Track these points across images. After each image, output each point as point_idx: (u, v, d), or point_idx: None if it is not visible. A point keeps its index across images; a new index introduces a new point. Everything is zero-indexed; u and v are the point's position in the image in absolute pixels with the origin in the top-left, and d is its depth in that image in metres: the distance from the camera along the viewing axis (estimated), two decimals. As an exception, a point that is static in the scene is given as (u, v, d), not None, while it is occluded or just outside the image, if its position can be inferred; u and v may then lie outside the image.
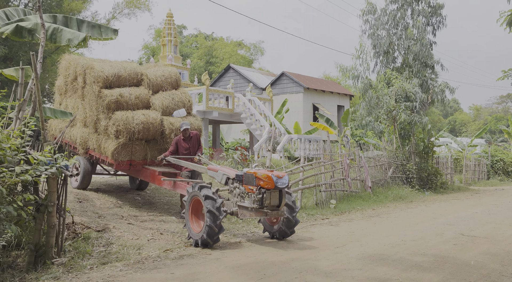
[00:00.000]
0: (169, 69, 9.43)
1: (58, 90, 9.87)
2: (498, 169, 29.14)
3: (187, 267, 5.33)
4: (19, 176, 4.96)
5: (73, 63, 9.18)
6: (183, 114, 8.79)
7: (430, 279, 4.95)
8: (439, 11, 19.44)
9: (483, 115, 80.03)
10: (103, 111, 8.30)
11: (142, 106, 8.67)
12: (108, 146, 8.25)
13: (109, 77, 8.47)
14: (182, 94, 9.18)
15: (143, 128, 8.24)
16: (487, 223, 9.15)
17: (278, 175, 6.38)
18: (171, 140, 8.54)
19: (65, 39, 6.62)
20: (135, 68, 9.03)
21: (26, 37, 6.55)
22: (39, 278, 4.79)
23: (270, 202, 6.38)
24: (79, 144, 8.99)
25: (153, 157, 8.69)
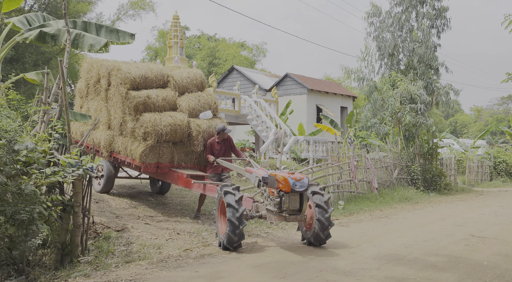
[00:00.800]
0: (194, 71, 9.38)
1: (79, 93, 9.84)
2: (500, 170, 29.32)
3: (210, 266, 5.49)
4: (49, 177, 5.13)
5: (95, 66, 9.12)
6: (209, 116, 8.76)
7: (447, 278, 5.11)
8: (444, 13, 19.60)
9: (484, 116, 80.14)
10: (130, 113, 8.22)
11: (169, 108, 8.62)
12: (135, 148, 8.17)
13: (136, 79, 8.41)
14: (208, 96, 9.14)
15: (170, 130, 8.15)
16: (495, 224, 9.31)
17: (296, 177, 6.16)
18: (198, 142, 8.52)
19: (87, 44, 6.79)
20: (161, 69, 8.98)
21: (49, 42, 6.72)
22: (70, 276, 4.95)
23: (289, 205, 6.15)
24: (103, 146, 8.91)
25: (180, 159, 8.61)
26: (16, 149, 4.50)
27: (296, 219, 6.23)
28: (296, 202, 6.21)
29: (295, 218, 6.22)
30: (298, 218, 6.25)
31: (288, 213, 6.19)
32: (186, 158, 8.66)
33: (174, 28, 20.75)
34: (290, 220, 6.20)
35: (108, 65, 8.72)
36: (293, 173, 6.29)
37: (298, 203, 6.23)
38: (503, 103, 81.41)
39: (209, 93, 9.29)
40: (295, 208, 6.20)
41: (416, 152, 18.01)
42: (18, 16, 7.60)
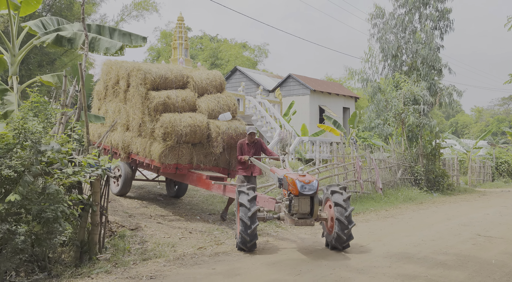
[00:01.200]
0: (213, 72, 9.34)
1: (97, 95, 9.84)
2: (502, 170, 29.46)
3: (225, 263, 5.64)
4: (70, 177, 5.27)
5: (115, 68, 9.07)
6: (228, 117, 8.72)
7: (457, 276, 5.25)
8: (447, 15, 19.75)
9: (485, 117, 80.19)
10: (150, 113, 8.16)
11: (188, 109, 8.56)
12: (154, 148, 8.10)
13: (156, 79, 8.36)
14: (227, 98, 9.08)
15: (190, 131, 8.09)
16: (501, 224, 9.45)
17: (304, 180, 6.02)
18: (218, 144, 8.45)
19: (103, 48, 6.94)
20: (181, 70, 8.94)
21: (66, 45, 6.87)
22: (91, 272, 5.10)
23: (299, 209, 6.04)
24: (121, 148, 8.87)
25: (199, 160, 8.54)
26: (43, 149, 4.65)
27: (305, 223, 6.05)
28: (306, 205, 6.07)
29: (304, 222, 6.04)
30: (307, 222, 6.06)
31: (298, 216, 6.07)
32: (205, 159, 8.60)
33: (178, 29, 20.90)
34: (299, 224, 6.04)
35: (127, 66, 8.71)
36: (304, 175, 6.16)
37: (308, 206, 6.08)
38: (504, 104, 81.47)
39: (228, 95, 9.27)
40: (305, 211, 6.06)
41: (419, 152, 18.16)
42: (34, 20, 7.76)
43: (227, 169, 8.94)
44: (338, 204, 6.17)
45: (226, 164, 8.91)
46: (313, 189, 6.01)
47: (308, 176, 6.14)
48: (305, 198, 6.06)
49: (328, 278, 4.99)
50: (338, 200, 6.19)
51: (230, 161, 8.92)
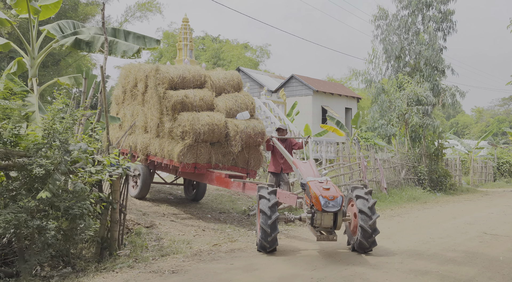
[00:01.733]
0: (231, 72, 9.35)
1: (115, 99, 9.89)
2: (504, 171, 29.67)
3: (242, 259, 5.82)
4: (93, 176, 5.46)
5: (133, 71, 9.15)
6: (246, 117, 8.67)
7: (467, 272, 5.43)
8: (450, 17, 19.97)
9: (485, 117, 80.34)
10: (168, 113, 8.17)
11: (206, 108, 8.54)
12: (173, 148, 8.12)
13: (174, 79, 8.37)
14: (245, 97, 9.05)
15: (208, 130, 8.06)
16: (505, 223, 9.64)
17: (328, 196, 5.70)
18: (236, 142, 8.43)
19: (121, 51, 7.12)
20: (199, 70, 8.95)
21: (84, 48, 7.06)
22: (115, 267, 5.28)
23: (321, 223, 5.83)
24: (140, 149, 8.87)
25: (217, 160, 8.49)
26: (71, 149, 4.83)
27: (328, 239, 5.85)
28: (329, 220, 5.83)
29: (327, 237, 5.86)
30: (330, 238, 5.87)
31: (321, 230, 5.93)
32: (223, 158, 8.58)
33: (183, 31, 21.09)
34: (321, 239, 5.85)
35: (146, 69, 8.76)
36: (328, 188, 5.83)
37: (332, 220, 5.84)
38: (504, 104, 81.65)
39: (245, 94, 9.22)
40: (328, 226, 5.84)
41: (422, 152, 18.35)
42: (51, 24, 7.95)
43: (246, 169, 8.92)
44: (363, 212, 5.94)
45: (245, 164, 8.87)
46: (337, 205, 5.71)
47: (332, 190, 5.83)
48: (328, 213, 5.79)
49: (344, 273, 5.18)
50: (363, 207, 5.96)
51: (249, 160, 8.89)
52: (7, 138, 4.71)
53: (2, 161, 4.62)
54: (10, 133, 4.72)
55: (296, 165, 6.70)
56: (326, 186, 5.87)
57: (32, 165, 4.60)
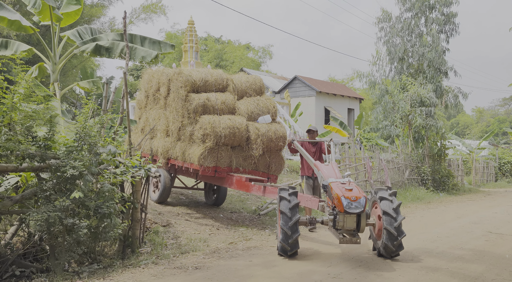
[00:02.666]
0: (253, 76, 9.37)
1: (138, 104, 9.96)
2: (505, 171, 29.93)
3: (260, 256, 6.08)
4: (118, 177, 5.72)
5: (156, 76, 9.21)
6: (268, 120, 8.63)
7: (475, 268, 5.69)
8: (452, 19, 20.22)
9: (485, 117, 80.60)
10: (189, 116, 8.19)
11: (228, 112, 8.51)
12: (193, 151, 8.13)
13: (197, 82, 8.40)
14: (267, 100, 9.01)
15: (229, 133, 8.01)
16: (509, 222, 9.89)
17: (350, 196, 5.49)
18: (257, 146, 8.38)
19: (139, 56, 7.39)
20: (221, 74, 8.96)
21: (104, 54, 7.34)
22: (140, 263, 5.53)
23: (344, 225, 5.61)
24: (161, 153, 8.89)
25: (238, 164, 8.44)
26: (101, 152, 5.09)
27: (351, 242, 5.61)
28: (352, 222, 5.60)
29: (350, 240, 5.61)
30: (353, 240, 5.62)
31: (343, 232, 5.73)
32: (244, 162, 8.52)
33: (189, 33, 21.35)
34: (344, 242, 5.61)
35: (168, 73, 8.82)
36: (350, 189, 5.63)
37: (355, 222, 5.61)
38: (505, 105, 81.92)
39: (267, 98, 9.18)
40: (351, 228, 5.62)
41: (425, 153, 18.61)
42: (71, 30, 8.23)
43: (267, 173, 8.82)
44: (387, 213, 5.71)
45: (266, 168, 8.80)
46: (361, 207, 5.48)
47: (355, 191, 5.62)
48: (351, 215, 5.57)
49: (359, 269, 5.44)
50: (387, 209, 5.72)
51: (270, 164, 8.82)
52: (42, 141, 4.96)
53: (38, 163, 4.88)
54: (45, 137, 4.98)
55: (318, 167, 6.54)
56: (348, 187, 5.67)
57: (66, 166, 4.86)
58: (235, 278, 4.96)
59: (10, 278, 5.06)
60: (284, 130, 8.81)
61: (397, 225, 5.66)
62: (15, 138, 4.73)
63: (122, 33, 8.27)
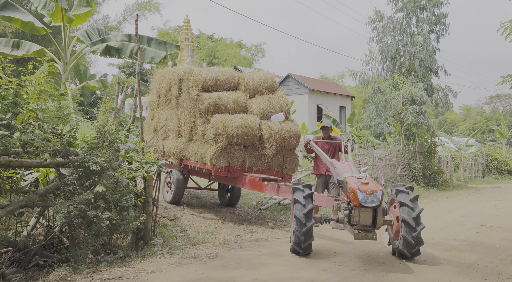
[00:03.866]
0: (265, 73, 9.22)
1: (150, 105, 9.88)
2: (492, 167, 30.68)
3: (267, 247, 6.43)
4: (133, 172, 6.02)
5: (167, 76, 9.11)
6: (281, 118, 8.45)
7: (469, 257, 6.12)
8: (443, 19, 20.71)
9: (472, 115, 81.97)
10: (201, 115, 8.11)
11: (240, 111, 8.39)
12: (206, 151, 8.02)
13: (208, 81, 8.29)
14: (279, 98, 8.83)
15: (241, 132, 7.90)
16: (498, 216, 10.39)
17: (366, 190, 5.23)
18: (270, 145, 8.24)
19: (149, 57, 7.65)
20: (232, 72, 8.84)
21: (114, 55, 7.58)
22: (155, 254, 5.84)
23: (359, 220, 5.37)
24: (173, 154, 8.82)
25: (251, 163, 8.30)
26: (121, 148, 5.39)
27: (366, 237, 5.37)
28: (368, 217, 5.37)
29: (366, 235, 5.37)
30: (369, 236, 5.37)
31: (359, 228, 5.44)
32: (257, 162, 8.37)
33: (185, 31, 21.56)
34: (359, 238, 5.37)
35: (179, 72, 8.73)
36: (367, 183, 5.39)
37: (371, 217, 5.37)
38: (491, 103, 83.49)
39: (280, 96, 8.98)
40: (367, 223, 5.39)
41: (416, 150, 19.12)
42: (80, 31, 8.46)
43: (281, 172, 8.67)
44: (404, 204, 5.45)
45: (280, 167, 8.64)
46: (377, 201, 5.24)
47: (371, 184, 5.38)
48: (367, 210, 5.36)
49: (362, 258, 5.82)
50: (404, 200, 5.48)
51: (284, 163, 8.65)
52: (66, 139, 5.24)
53: (62, 159, 5.16)
54: (68, 135, 5.26)
55: (333, 165, 6.31)
56: (364, 180, 5.46)
57: (89, 162, 5.15)
58: (249, 266, 5.30)
59: (34, 267, 5.35)
60: (298, 129, 8.68)
61: (416, 235, 5.37)
62: (42, 136, 4.99)
63: (128, 34, 8.54)
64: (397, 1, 20.94)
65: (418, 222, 5.40)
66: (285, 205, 10.38)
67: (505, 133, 42.13)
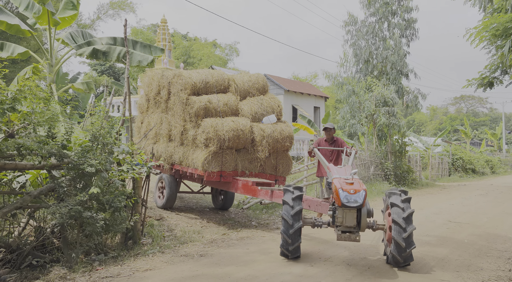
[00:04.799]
0: (255, 74, 9.05)
1: (140, 108, 9.68)
2: (458, 166, 32.05)
3: (254, 245, 6.72)
4: (124, 174, 6.18)
5: (156, 78, 8.96)
6: (273, 120, 8.34)
7: (441, 251, 6.60)
8: (413, 25, 21.58)
9: (438, 115, 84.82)
10: (191, 119, 7.96)
11: (231, 113, 8.24)
12: (197, 156, 7.84)
13: (197, 84, 8.14)
14: (271, 100, 8.65)
15: (233, 136, 7.74)
16: (465, 213, 11.05)
17: (348, 189, 5.12)
18: (263, 148, 8.11)
19: (136, 60, 7.78)
20: (222, 74, 8.69)
21: (101, 58, 7.68)
22: (147, 252, 6.02)
23: (343, 221, 5.28)
24: (164, 159, 8.63)
25: (244, 167, 8.14)
26: (115, 151, 5.55)
27: (349, 239, 5.28)
28: (352, 218, 5.26)
29: (348, 237, 5.28)
30: (351, 238, 5.27)
31: (342, 229, 5.34)
32: (250, 165, 8.24)
33: (162, 31, 21.55)
34: (341, 239, 5.29)
35: (168, 75, 8.57)
36: (351, 183, 5.27)
37: (355, 219, 5.27)
38: (456, 103, 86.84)
39: (271, 97, 8.82)
40: (351, 224, 5.28)
41: (388, 150, 19.85)
42: (64, 33, 8.49)
43: (274, 175, 8.55)
44: (395, 204, 5.30)
45: (273, 170, 8.51)
46: (359, 201, 5.12)
47: (356, 184, 5.26)
48: (350, 210, 5.27)
49: (341, 254, 6.20)
50: (395, 201, 5.34)
51: (277, 166, 8.53)
52: (60, 142, 5.37)
53: (57, 161, 5.28)
54: (63, 138, 5.39)
55: (329, 169, 6.08)
56: (350, 180, 5.34)
57: (84, 164, 5.29)
58: (240, 263, 5.58)
59: (27, 267, 5.45)
60: (290, 130, 8.55)
61: (406, 236, 5.16)
62: (38, 139, 5.11)
63: (114, 37, 8.62)
64: (369, 6, 21.67)
65: (408, 223, 5.19)
66: (266, 204, 10.69)
67: (469, 134, 44.05)
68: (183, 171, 8.49)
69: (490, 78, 15.94)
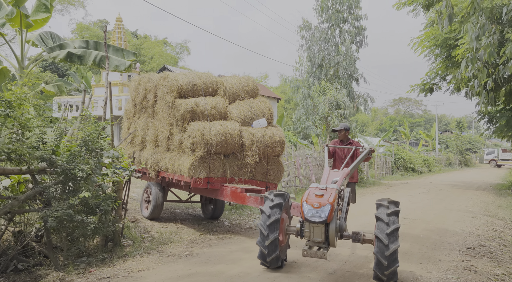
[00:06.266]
0: (245, 77, 8.81)
1: (126, 114, 9.32)
2: (399, 165, 34.15)
3: (235, 244, 7.05)
4: (108, 178, 6.29)
5: (142, 82, 8.68)
6: (263, 124, 8.06)
7: (403, 246, 7.26)
8: (362, 32, 22.80)
9: (379, 116, 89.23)
10: (177, 123, 7.63)
11: (219, 117, 7.91)
12: (183, 162, 7.49)
13: (184, 86, 7.82)
14: (261, 103, 8.35)
15: (221, 140, 7.40)
16: (415, 210, 12.04)
17: (313, 203, 4.79)
18: (252, 153, 7.78)
19: (113, 65, 7.78)
20: (210, 76, 8.39)
21: (76, 62, 7.62)
22: (133, 253, 6.15)
23: (311, 235, 4.96)
24: (150, 165, 8.31)
25: (233, 173, 7.79)
26: (105, 156, 5.66)
27: (315, 255, 4.86)
28: (320, 232, 4.91)
29: (315, 253, 4.86)
30: (318, 254, 4.84)
31: (311, 244, 5.01)
32: (239, 171, 7.89)
33: (117, 30, 21.17)
34: (306, 255, 4.89)
35: (154, 78, 8.33)
36: (321, 195, 4.90)
37: (323, 234, 4.90)
38: (395, 105, 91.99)
39: (262, 100, 8.53)
40: (318, 240, 4.93)
41: (340, 151, 20.88)
42: (34, 35, 8.29)
43: (265, 181, 8.22)
44: (379, 219, 4.90)
45: (264, 176, 8.18)
46: (323, 216, 4.75)
47: (325, 197, 4.88)
48: (318, 225, 4.90)
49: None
50: (381, 214, 4.94)
51: (268, 172, 8.20)
52: (50, 148, 5.41)
53: (47, 166, 5.33)
54: (53, 143, 5.43)
55: (323, 172, 5.84)
56: (320, 192, 4.98)
57: (74, 169, 5.38)
58: (228, 261, 5.90)
59: (12, 271, 5.44)
60: (282, 135, 8.22)
61: (389, 254, 4.71)
62: (29, 144, 5.14)
63: (86, 41, 8.54)
64: (322, 12, 22.62)
65: (392, 240, 4.73)
66: (235, 204, 11.03)
67: (408, 134, 46.97)
68: (170, 178, 8.14)
69: (431, 84, 17.38)
